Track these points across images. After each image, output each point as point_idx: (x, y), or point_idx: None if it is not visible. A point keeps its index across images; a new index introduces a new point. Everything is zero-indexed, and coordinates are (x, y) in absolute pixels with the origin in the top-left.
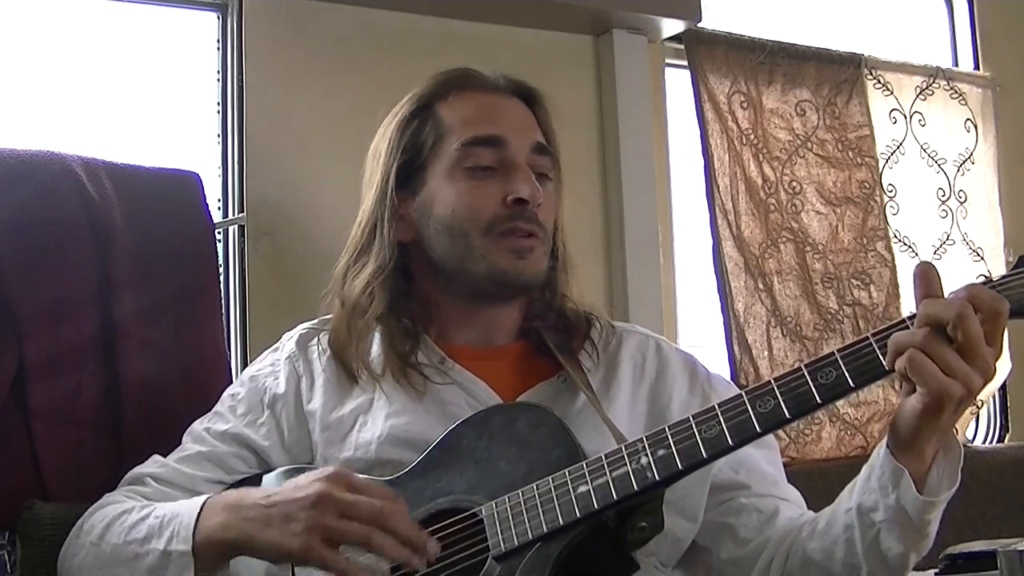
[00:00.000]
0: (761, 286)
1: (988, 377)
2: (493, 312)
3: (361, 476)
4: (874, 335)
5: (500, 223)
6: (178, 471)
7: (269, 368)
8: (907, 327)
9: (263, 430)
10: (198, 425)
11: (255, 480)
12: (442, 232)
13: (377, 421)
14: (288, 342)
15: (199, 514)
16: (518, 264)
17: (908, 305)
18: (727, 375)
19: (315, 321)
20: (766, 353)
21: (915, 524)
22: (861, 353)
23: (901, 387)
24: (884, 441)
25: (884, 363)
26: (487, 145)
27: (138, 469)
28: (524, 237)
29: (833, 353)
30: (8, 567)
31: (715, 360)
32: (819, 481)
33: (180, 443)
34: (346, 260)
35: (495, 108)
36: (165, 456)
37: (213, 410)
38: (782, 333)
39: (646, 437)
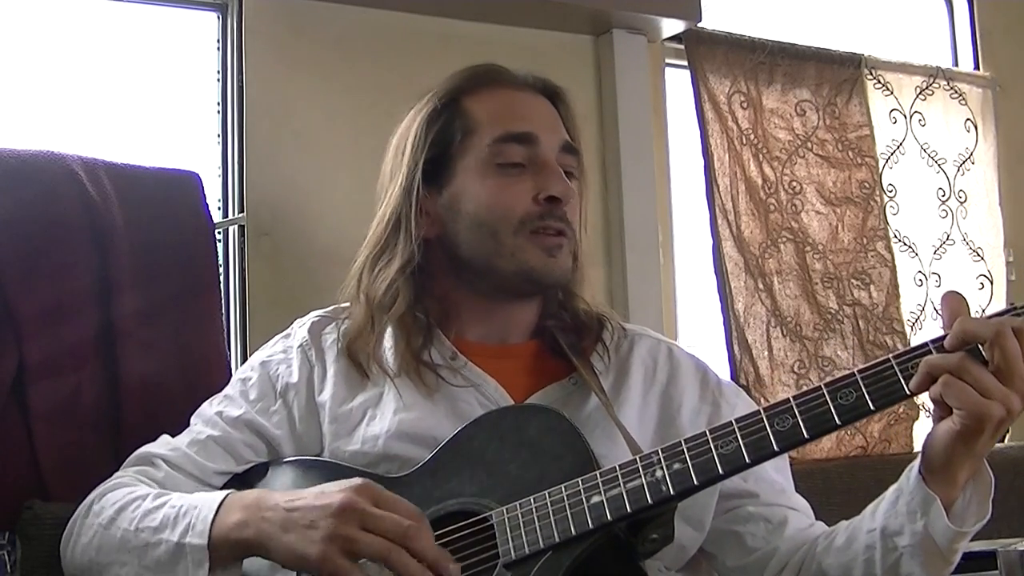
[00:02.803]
0: (761, 286)
1: None
2: (511, 310)
3: (388, 492)
4: (896, 357)
5: (531, 221)
6: (189, 458)
7: (281, 355)
8: (929, 351)
9: (275, 418)
10: (208, 408)
11: (262, 469)
12: (471, 228)
13: (386, 415)
14: (300, 329)
15: (218, 509)
16: (549, 262)
17: (908, 305)
18: (727, 375)
19: (329, 309)
20: (766, 353)
21: (942, 552)
22: (882, 376)
23: (932, 412)
24: (915, 465)
25: (906, 388)
26: (519, 142)
27: (148, 448)
28: (554, 235)
29: (853, 374)
30: (8, 567)
31: (715, 360)
32: (819, 481)
33: None
34: (367, 254)
35: (525, 105)
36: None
37: (223, 393)
38: (782, 333)
39: (662, 450)
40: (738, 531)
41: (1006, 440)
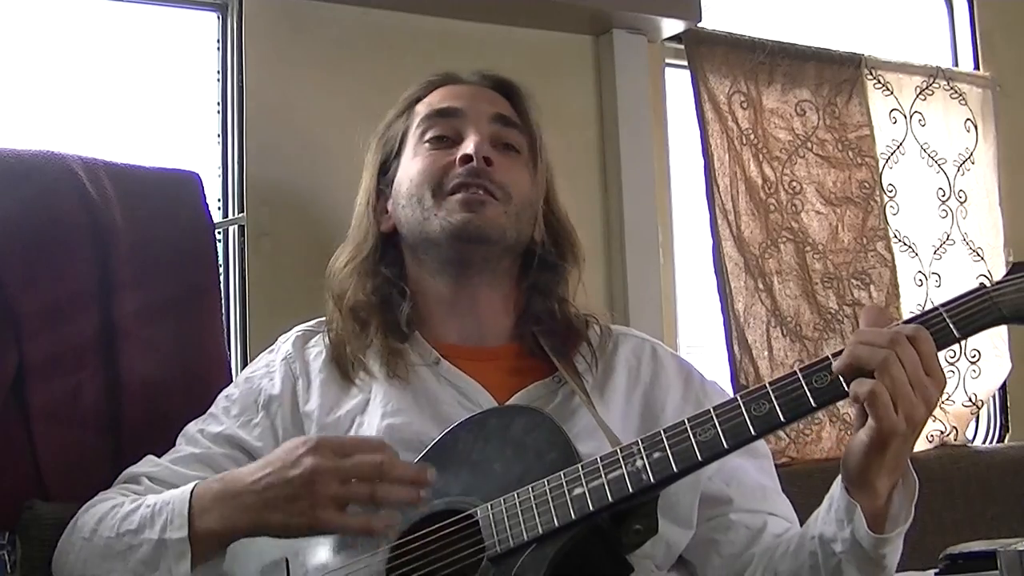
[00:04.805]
0: (761, 286)
1: (932, 407)
2: (473, 294)
3: (343, 436)
4: None
5: (448, 182)
6: (172, 470)
7: (264, 369)
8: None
9: (256, 431)
10: (192, 427)
11: None
12: (405, 204)
13: (373, 422)
14: (284, 344)
15: (190, 501)
16: (468, 216)
17: (908, 305)
18: (727, 375)
19: (313, 322)
20: (766, 353)
21: (871, 558)
22: None
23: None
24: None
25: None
26: (443, 116)
27: (132, 469)
28: (475, 192)
29: (828, 357)
30: (8, 567)
31: (715, 360)
32: (819, 481)
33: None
34: (337, 256)
35: (460, 91)
36: (160, 457)
37: (208, 412)
38: (782, 333)
39: (641, 440)
40: (718, 539)
41: (1006, 440)
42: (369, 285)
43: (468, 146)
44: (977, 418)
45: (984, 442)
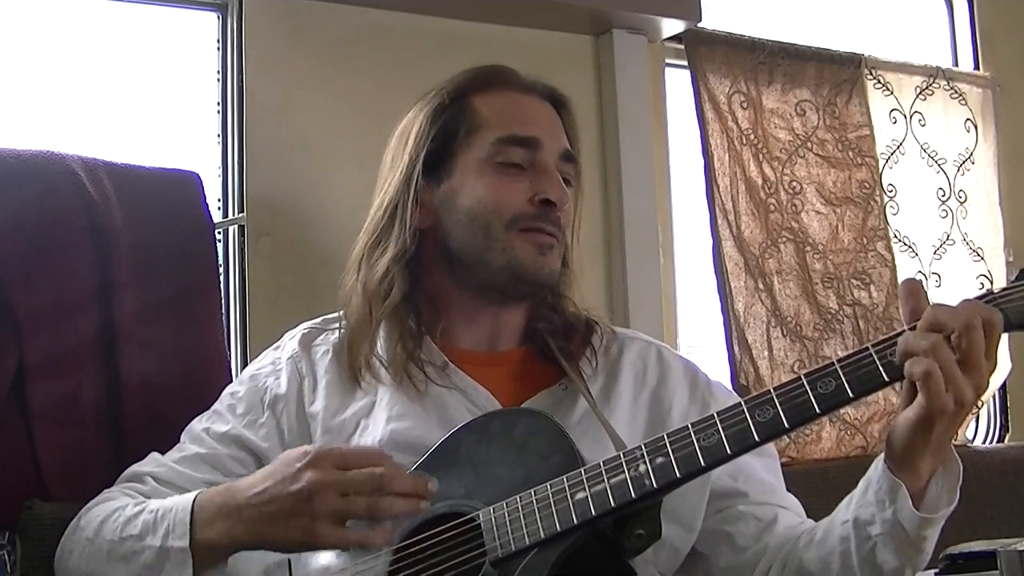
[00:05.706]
0: (761, 286)
1: (981, 391)
2: (499, 313)
3: (343, 448)
4: (874, 346)
5: (523, 220)
6: (177, 471)
7: (270, 367)
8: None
9: (263, 431)
10: (197, 424)
11: None
12: (464, 222)
13: (378, 424)
14: (290, 341)
15: (192, 510)
16: (538, 259)
17: None
18: (727, 375)
19: (318, 320)
20: (766, 353)
21: (911, 539)
22: (861, 364)
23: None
24: (882, 455)
25: (884, 375)
26: (521, 145)
27: (136, 467)
28: (545, 235)
29: (833, 363)
30: (8, 567)
31: (715, 360)
32: (819, 481)
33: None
34: (364, 242)
35: (530, 109)
36: (164, 455)
37: (212, 409)
38: (782, 333)
39: (644, 445)
40: (729, 531)
41: (1006, 440)
42: (405, 285)
43: (550, 191)
44: (977, 418)
45: (984, 442)
